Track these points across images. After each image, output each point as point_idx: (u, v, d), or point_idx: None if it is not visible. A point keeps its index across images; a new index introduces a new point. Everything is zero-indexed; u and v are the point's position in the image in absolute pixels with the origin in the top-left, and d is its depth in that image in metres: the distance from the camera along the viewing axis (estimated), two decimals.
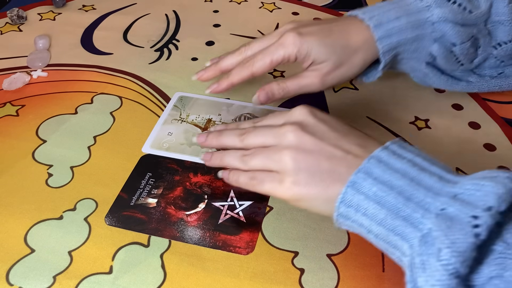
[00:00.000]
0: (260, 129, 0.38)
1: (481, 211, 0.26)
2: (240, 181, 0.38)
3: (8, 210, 0.42)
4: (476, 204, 0.27)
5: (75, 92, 0.55)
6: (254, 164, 0.37)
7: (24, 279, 0.37)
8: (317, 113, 0.37)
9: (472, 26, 0.47)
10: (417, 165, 0.31)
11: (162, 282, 0.37)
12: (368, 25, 0.46)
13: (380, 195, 0.31)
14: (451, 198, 0.29)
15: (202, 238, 0.40)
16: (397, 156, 0.32)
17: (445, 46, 0.47)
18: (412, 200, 0.30)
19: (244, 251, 0.39)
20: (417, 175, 0.31)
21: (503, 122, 0.52)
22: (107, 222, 0.41)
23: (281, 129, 0.36)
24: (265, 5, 0.71)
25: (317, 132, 0.35)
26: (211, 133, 0.42)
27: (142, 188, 0.44)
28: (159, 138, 0.49)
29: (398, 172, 0.31)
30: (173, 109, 0.52)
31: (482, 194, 0.28)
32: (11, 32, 0.65)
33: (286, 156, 0.35)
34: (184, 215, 0.42)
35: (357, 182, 0.32)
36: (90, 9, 0.70)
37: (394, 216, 0.30)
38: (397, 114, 0.53)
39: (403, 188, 0.30)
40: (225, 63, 0.48)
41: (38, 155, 0.47)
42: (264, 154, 0.36)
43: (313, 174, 0.34)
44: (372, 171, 0.32)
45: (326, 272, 0.38)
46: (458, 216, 0.27)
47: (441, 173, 0.31)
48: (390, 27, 0.46)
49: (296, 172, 0.34)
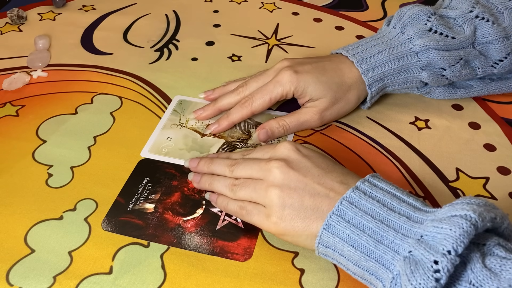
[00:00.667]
0: (248, 162, 0.40)
1: (441, 256, 0.28)
2: (229, 208, 0.40)
3: (8, 210, 0.42)
4: (436, 248, 0.29)
5: (75, 92, 0.55)
6: (242, 195, 0.39)
7: (24, 279, 0.37)
8: (302, 149, 0.39)
9: (458, 50, 0.48)
10: (387, 205, 0.33)
11: (162, 282, 0.37)
12: (352, 62, 0.48)
13: (353, 238, 0.33)
14: (417, 240, 0.30)
15: (199, 244, 0.40)
16: (367, 197, 0.34)
17: (434, 72, 0.49)
18: (382, 242, 0.32)
19: (241, 258, 0.39)
20: (386, 216, 0.33)
21: (503, 122, 0.52)
22: (104, 227, 0.41)
23: (268, 165, 0.38)
24: (265, 5, 0.71)
25: (301, 169, 0.37)
26: (203, 160, 0.44)
27: (140, 193, 0.44)
28: (158, 142, 0.49)
29: (368, 214, 0.33)
30: (173, 113, 0.52)
31: (441, 237, 0.29)
32: (11, 32, 0.65)
33: (272, 192, 0.36)
34: (181, 221, 0.42)
35: (331, 225, 0.34)
36: (90, 9, 0.70)
37: (367, 258, 0.32)
38: (397, 114, 0.53)
39: (374, 230, 0.32)
40: (224, 103, 0.50)
41: (38, 155, 0.47)
42: (252, 187, 0.38)
43: (297, 210, 0.36)
44: (345, 214, 0.34)
45: (326, 272, 0.38)
46: (422, 260, 0.29)
47: (409, 213, 0.33)
48: (373, 61, 0.48)
49: (281, 208, 0.36)
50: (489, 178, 0.46)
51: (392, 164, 0.47)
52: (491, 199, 0.44)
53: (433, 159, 0.47)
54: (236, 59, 0.60)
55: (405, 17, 0.50)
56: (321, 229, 0.34)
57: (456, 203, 0.31)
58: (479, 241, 0.30)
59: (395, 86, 0.50)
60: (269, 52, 0.62)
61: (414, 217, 0.32)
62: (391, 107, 0.53)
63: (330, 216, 0.34)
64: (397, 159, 0.47)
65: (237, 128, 0.50)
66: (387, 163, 0.47)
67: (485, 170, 0.46)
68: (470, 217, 0.29)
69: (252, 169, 0.39)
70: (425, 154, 0.48)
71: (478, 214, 0.29)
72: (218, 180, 0.41)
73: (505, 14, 0.49)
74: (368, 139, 0.50)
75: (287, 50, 0.62)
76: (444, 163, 0.47)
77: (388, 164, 0.47)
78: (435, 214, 0.32)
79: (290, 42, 0.63)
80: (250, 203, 0.38)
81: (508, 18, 0.49)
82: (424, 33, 0.48)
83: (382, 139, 0.50)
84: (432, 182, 0.45)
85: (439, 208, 0.32)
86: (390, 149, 0.48)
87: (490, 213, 0.30)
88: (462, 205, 0.30)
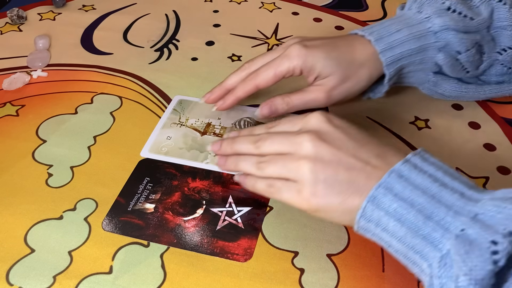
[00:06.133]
0: (276, 135, 0.37)
1: (501, 237, 0.26)
2: (257, 187, 0.38)
3: (8, 210, 0.42)
4: (496, 228, 0.27)
5: (75, 92, 0.55)
6: (270, 172, 0.36)
7: (24, 279, 0.37)
8: (334, 120, 0.36)
9: (475, 33, 0.46)
10: (439, 181, 0.31)
11: (162, 282, 0.37)
12: (369, 40, 0.46)
13: (400, 213, 0.30)
14: (471, 218, 0.28)
15: (200, 244, 0.40)
16: (418, 171, 0.32)
17: (450, 55, 0.47)
18: (432, 218, 0.30)
19: (242, 258, 0.39)
20: (438, 192, 0.30)
21: (503, 122, 0.52)
22: (104, 227, 0.41)
23: (298, 138, 0.35)
24: (265, 5, 0.71)
25: (335, 141, 0.35)
26: (225, 141, 0.41)
27: (140, 193, 0.44)
28: (158, 142, 0.48)
29: (419, 189, 0.31)
30: (172, 112, 0.52)
31: (503, 217, 0.27)
32: (11, 32, 0.65)
33: (304, 166, 0.34)
34: (182, 221, 0.41)
35: (377, 198, 0.31)
36: (90, 9, 0.70)
37: (414, 235, 0.30)
38: (397, 114, 0.53)
39: (424, 205, 0.30)
40: (230, 82, 0.48)
41: (38, 155, 0.47)
42: (281, 163, 0.36)
43: (331, 185, 0.33)
44: (392, 187, 0.31)
45: (326, 272, 0.38)
46: (477, 240, 0.27)
47: (463, 190, 0.31)
48: (392, 40, 0.45)
49: (314, 183, 0.33)
50: (489, 178, 0.46)
51: None
52: None
53: None
54: (236, 59, 0.60)
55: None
56: (365, 201, 0.31)
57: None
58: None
59: (411, 67, 0.47)
60: None
61: (469, 195, 0.30)
62: (391, 107, 0.53)
63: (376, 189, 0.31)
64: None
65: (237, 127, 0.50)
66: None
67: (485, 170, 0.46)
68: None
69: (281, 144, 0.36)
70: None
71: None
72: (243, 159, 0.39)
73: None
74: None
75: None
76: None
77: None
78: (493, 194, 0.30)
79: None
80: (280, 180, 0.36)
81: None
82: (442, 12, 0.46)
83: (382, 139, 0.49)
84: None
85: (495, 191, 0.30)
86: None
87: None
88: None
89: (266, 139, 0.37)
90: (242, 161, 0.39)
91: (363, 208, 0.32)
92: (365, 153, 0.34)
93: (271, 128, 0.39)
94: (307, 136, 0.35)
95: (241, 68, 0.48)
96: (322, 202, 0.33)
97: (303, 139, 0.35)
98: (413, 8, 0.48)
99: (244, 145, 0.39)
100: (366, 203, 0.32)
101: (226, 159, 0.40)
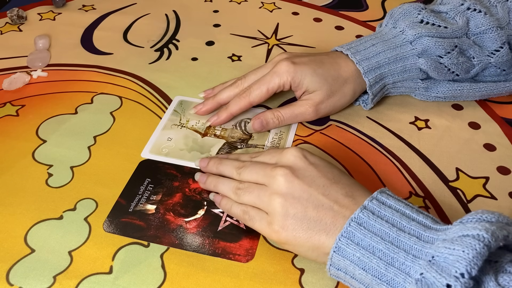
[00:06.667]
0: (255, 166, 0.40)
1: (454, 280, 0.27)
2: (233, 211, 0.40)
3: (8, 210, 0.42)
4: (449, 270, 0.28)
5: (75, 92, 0.55)
6: (246, 200, 0.39)
7: (24, 279, 0.37)
8: (309, 156, 0.38)
9: (452, 38, 0.48)
10: (396, 225, 0.33)
11: (162, 282, 0.37)
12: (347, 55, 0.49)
13: (363, 261, 0.32)
14: (428, 262, 0.30)
15: (201, 245, 0.40)
16: (376, 217, 0.33)
17: (432, 59, 0.49)
18: (393, 265, 0.31)
19: (243, 259, 0.39)
20: (396, 237, 0.32)
21: (503, 122, 0.52)
22: (105, 228, 0.41)
23: (273, 171, 0.37)
24: (265, 5, 0.71)
25: (307, 178, 0.36)
26: (212, 160, 0.44)
27: (141, 194, 0.44)
28: (159, 143, 0.49)
29: (378, 235, 0.32)
30: (173, 114, 0.52)
31: (453, 259, 0.28)
32: (11, 32, 0.65)
33: (275, 201, 0.36)
34: (183, 222, 0.41)
35: (341, 248, 0.33)
36: (90, 9, 0.70)
37: (379, 281, 0.32)
38: (397, 114, 0.53)
39: (384, 252, 0.32)
40: (223, 96, 0.50)
41: (38, 155, 0.47)
42: (256, 193, 0.38)
43: (300, 221, 0.35)
44: (354, 236, 0.33)
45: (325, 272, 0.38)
46: (434, 284, 0.28)
47: (420, 232, 0.32)
48: (368, 52, 0.49)
49: (284, 217, 0.35)
50: (489, 178, 0.46)
51: (392, 164, 0.47)
52: (491, 199, 0.44)
53: (433, 159, 0.47)
54: (236, 59, 0.60)
55: (396, 14, 0.51)
56: (331, 252, 0.33)
57: (467, 220, 0.31)
58: (491, 259, 0.30)
59: (394, 76, 0.50)
60: (269, 52, 0.62)
61: (425, 237, 0.32)
62: (391, 107, 0.53)
63: (339, 239, 0.33)
64: (397, 159, 0.47)
65: (237, 129, 0.50)
66: (387, 163, 0.47)
67: (485, 170, 0.46)
68: (482, 237, 0.28)
69: (258, 174, 0.39)
70: (425, 154, 0.48)
71: (491, 234, 0.28)
72: (223, 182, 0.41)
73: (498, 7, 0.50)
74: (368, 139, 0.50)
75: (287, 50, 0.62)
76: (444, 163, 0.47)
77: (388, 164, 0.47)
78: (446, 233, 0.31)
79: (290, 42, 0.63)
80: (253, 209, 0.38)
81: (502, 10, 0.49)
82: (415, 24, 0.49)
83: (382, 139, 0.50)
84: (432, 182, 0.45)
85: (450, 226, 0.32)
86: (390, 149, 0.48)
87: (502, 231, 0.29)
88: (473, 223, 0.30)
89: (247, 167, 0.40)
90: (221, 183, 0.41)
91: (330, 258, 0.34)
92: (334, 192, 0.36)
93: (254, 157, 0.42)
94: (281, 171, 0.37)
95: (235, 84, 0.50)
96: (290, 236, 0.35)
97: (277, 173, 0.37)
98: (389, 24, 0.51)
99: (228, 168, 0.42)
100: (332, 254, 0.33)
101: (207, 178, 0.43)
